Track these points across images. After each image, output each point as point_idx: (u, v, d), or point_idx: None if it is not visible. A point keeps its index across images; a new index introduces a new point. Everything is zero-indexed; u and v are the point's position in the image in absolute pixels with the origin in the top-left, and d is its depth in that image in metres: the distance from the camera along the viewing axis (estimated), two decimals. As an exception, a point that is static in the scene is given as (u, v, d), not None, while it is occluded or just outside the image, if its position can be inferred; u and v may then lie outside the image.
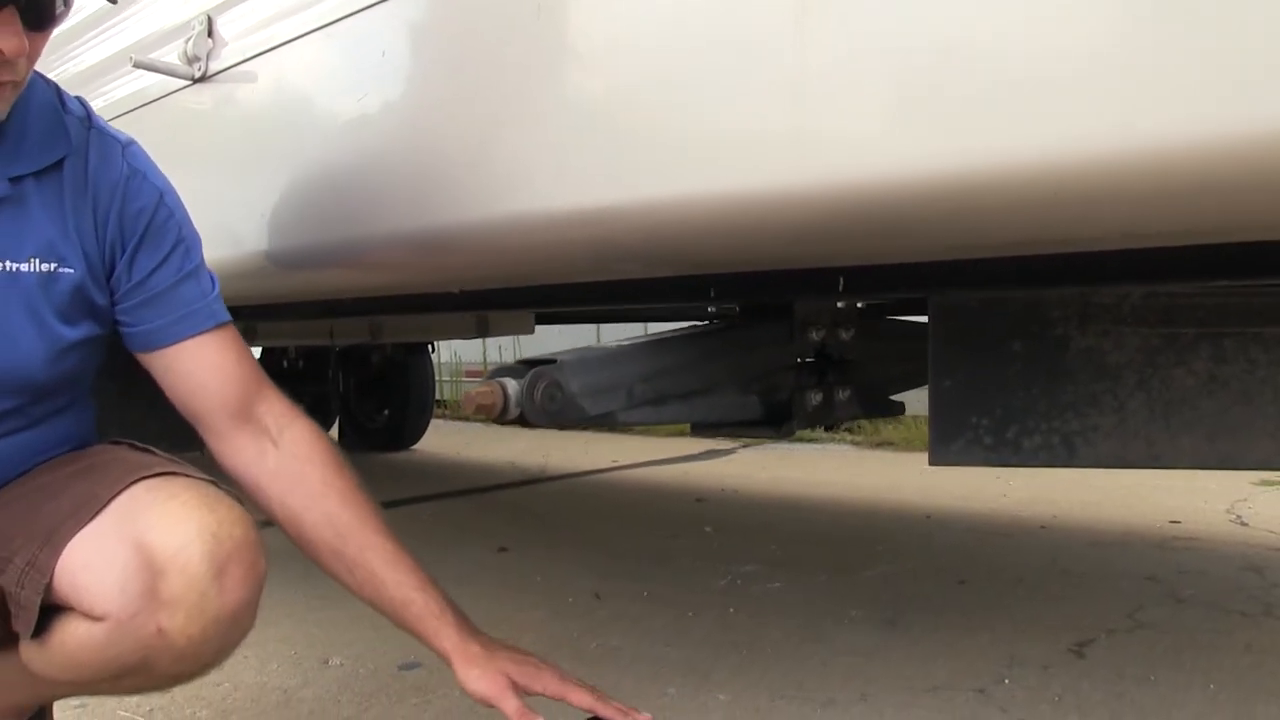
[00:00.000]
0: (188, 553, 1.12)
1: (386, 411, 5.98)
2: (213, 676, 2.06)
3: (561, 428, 1.18)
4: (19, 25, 1.05)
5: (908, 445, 5.94)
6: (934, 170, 0.90)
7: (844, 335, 1.49)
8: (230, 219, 1.79)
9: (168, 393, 1.34)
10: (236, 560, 1.16)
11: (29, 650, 1.18)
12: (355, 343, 4.82)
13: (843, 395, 1.48)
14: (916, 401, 6.58)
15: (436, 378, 6.41)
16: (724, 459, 5.80)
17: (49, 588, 1.13)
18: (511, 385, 1.11)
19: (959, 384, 1.26)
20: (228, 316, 1.34)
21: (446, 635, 1.27)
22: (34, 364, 1.22)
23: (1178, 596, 2.60)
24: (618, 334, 2.42)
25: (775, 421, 1.43)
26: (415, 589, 1.29)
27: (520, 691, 1.25)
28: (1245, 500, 4.01)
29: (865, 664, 2.11)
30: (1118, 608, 2.50)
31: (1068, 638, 2.26)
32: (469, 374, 8.93)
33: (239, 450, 1.30)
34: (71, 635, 1.14)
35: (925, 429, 5.03)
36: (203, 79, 1.80)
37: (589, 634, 2.39)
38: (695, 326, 1.45)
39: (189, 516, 1.14)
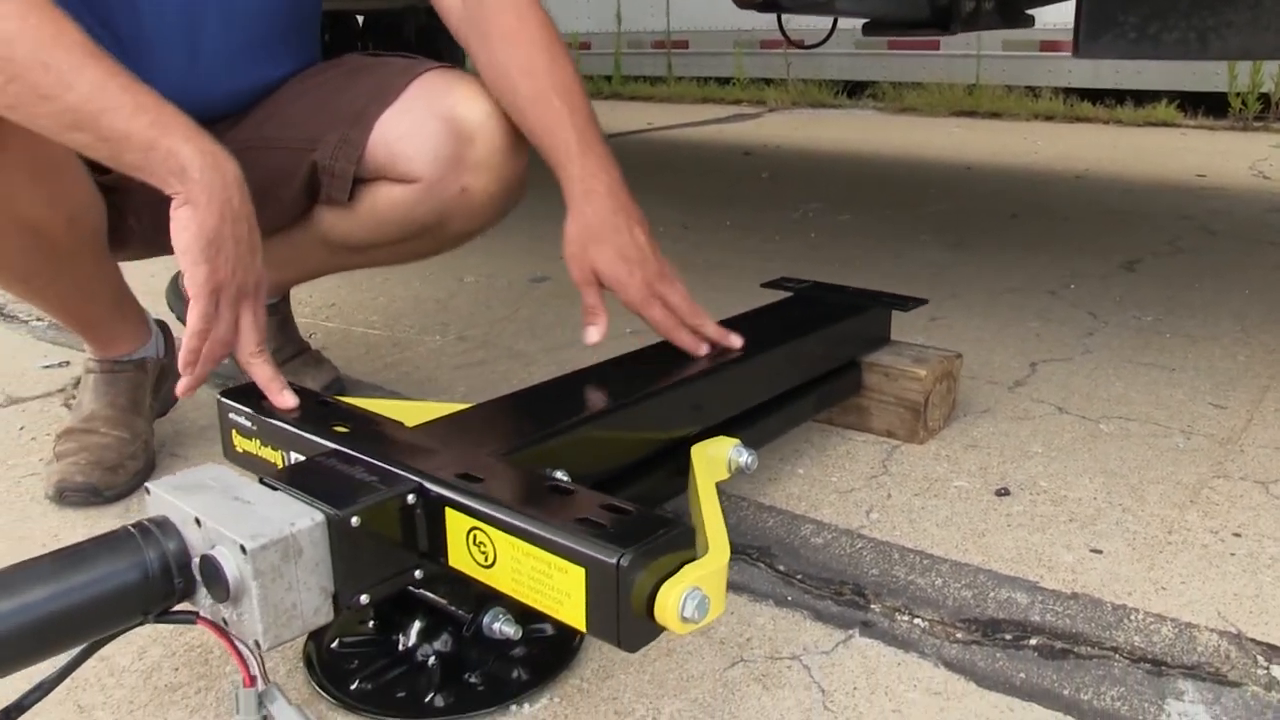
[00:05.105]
0: (490, 124, 1.28)
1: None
2: (369, 293, 2.33)
3: (783, 10, 1.33)
4: None
5: (931, 110, 6.06)
6: None
7: (993, -45, 1.62)
8: None
9: None
10: (517, 135, 1.30)
11: (335, 217, 1.38)
12: (387, 7, 4.80)
13: (987, 5, 1.63)
14: (940, 70, 6.58)
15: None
16: (754, 121, 5.93)
17: (360, 160, 1.33)
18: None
19: (1110, -17, 1.40)
20: None
21: (566, 183, 1.20)
22: None
23: (1210, 230, 2.87)
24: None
25: (940, 23, 1.59)
26: (549, 134, 1.21)
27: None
28: (1265, 159, 4.22)
29: (945, 273, 2.39)
30: (1158, 237, 2.77)
31: (1118, 258, 2.54)
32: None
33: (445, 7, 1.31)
34: (383, 198, 1.34)
35: (948, 95, 5.14)
36: None
37: (692, 252, 2.65)
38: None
39: (482, 97, 1.29)
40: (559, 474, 1.00)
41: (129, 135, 1.00)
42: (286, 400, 1.08)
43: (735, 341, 1.25)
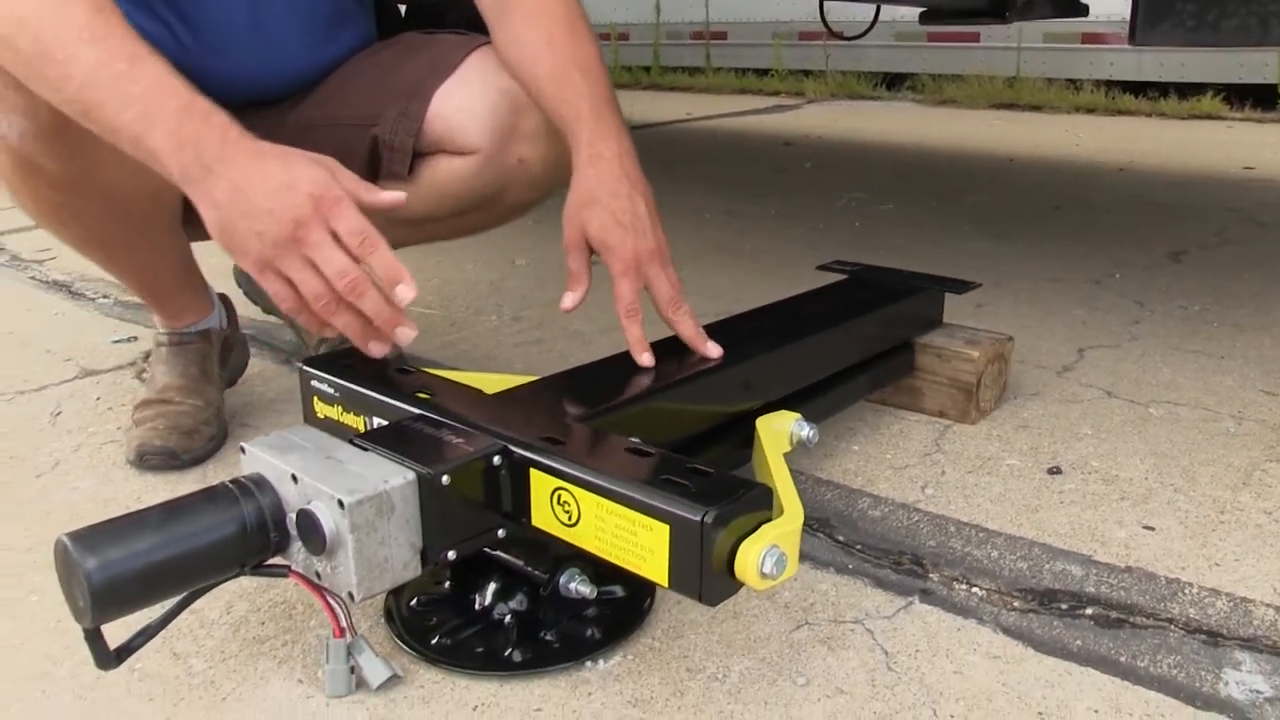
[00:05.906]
0: None
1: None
2: (422, 274, 2.38)
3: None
4: None
5: (970, 103, 6.04)
6: None
7: (1047, -55, 1.64)
8: None
9: None
10: None
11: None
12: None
13: (1041, -4, 1.66)
14: (980, 62, 6.53)
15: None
16: (793, 113, 5.94)
17: (419, 133, 1.37)
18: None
19: (1170, -30, 1.42)
20: None
21: (575, 149, 1.18)
22: None
23: (1258, 222, 2.86)
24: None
25: (996, 12, 1.61)
26: (564, 103, 1.20)
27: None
28: (1313, 151, 4.19)
29: (989, 263, 2.41)
30: (1204, 229, 2.77)
31: (1162, 249, 2.54)
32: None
33: None
34: (443, 170, 1.39)
35: (988, 88, 5.11)
36: None
37: (738, 239, 2.68)
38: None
39: None
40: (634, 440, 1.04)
41: (118, 131, 0.98)
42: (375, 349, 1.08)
43: (712, 351, 1.16)
